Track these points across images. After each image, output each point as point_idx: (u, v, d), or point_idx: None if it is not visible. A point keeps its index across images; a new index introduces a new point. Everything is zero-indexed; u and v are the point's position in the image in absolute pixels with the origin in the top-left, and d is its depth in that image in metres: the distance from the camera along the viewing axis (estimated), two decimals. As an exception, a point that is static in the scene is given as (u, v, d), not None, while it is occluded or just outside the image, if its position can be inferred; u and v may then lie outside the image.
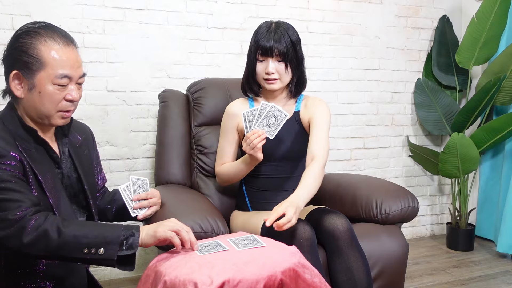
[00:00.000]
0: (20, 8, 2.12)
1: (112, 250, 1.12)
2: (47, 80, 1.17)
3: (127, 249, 1.15)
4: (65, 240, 1.09)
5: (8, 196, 1.08)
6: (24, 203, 1.09)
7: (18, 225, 1.07)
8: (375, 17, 2.91)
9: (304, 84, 1.81)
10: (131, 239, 1.15)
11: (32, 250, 1.08)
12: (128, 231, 1.16)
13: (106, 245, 1.11)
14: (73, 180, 1.33)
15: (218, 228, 1.53)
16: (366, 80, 2.93)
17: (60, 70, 1.17)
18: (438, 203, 3.25)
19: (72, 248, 1.10)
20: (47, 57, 1.16)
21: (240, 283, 1.08)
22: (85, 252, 1.10)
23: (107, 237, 1.12)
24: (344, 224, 1.56)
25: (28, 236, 1.06)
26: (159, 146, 2.09)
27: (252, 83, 1.78)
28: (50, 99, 1.18)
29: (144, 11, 2.35)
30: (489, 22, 2.74)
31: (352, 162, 2.94)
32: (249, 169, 1.73)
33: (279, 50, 1.66)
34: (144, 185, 1.48)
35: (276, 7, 2.64)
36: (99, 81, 2.28)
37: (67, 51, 1.19)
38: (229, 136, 1.82)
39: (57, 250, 1.09)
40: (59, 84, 1.18)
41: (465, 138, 2.62)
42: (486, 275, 2.48)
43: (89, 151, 1.44)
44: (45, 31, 1.19)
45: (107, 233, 1.13)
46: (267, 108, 1.58)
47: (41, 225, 1.08)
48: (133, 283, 2.35)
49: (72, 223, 1.14)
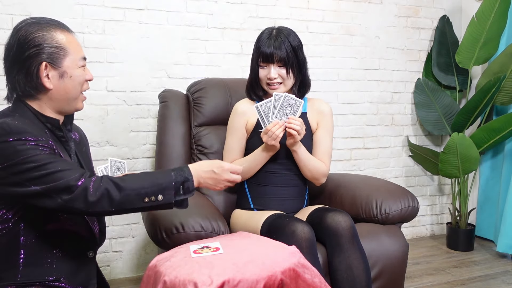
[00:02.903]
0: (20, 8, 2.13)
1: (169, 195, 1.19)
2: (74, 64, 1.23)
3: (185, 194, 1.23)
4: (126, 193, 1.15)
5: (61, 167, 1.13)
6: (78, 170, 1.16)
7: (81, 188, 1.12)
8: (375, 17, 2.91)
9: (307, 86, 1.87)
10: (186, 184, 1.22)
11: (97, 208, 1.13)
12: (181, 176, 1.23)
13: (163, 192, 1.19)
14: None
15: (218, 228, 1.53)
16: (366, 80, 2.93)
17: (80, 54, 1.26)
18: (438, 203, 3.25)
19: (133, 200, 1.17)
20: (66, 43, 1.22)
21: (240, 283, 1.08)
22: (146, 201, 1.17)
23: (162, 184, 1.19)
24: (347, 221, 1.59)
25: (92, 196, 1.12)
26: (159, 146, 2.09)
27: (256, 88, 1.84)
28: (80, 81, 1.26)
29: (144, 11, 2.36)
30: (489, 22, 2.74)
31: (352, 162, 2.94)
32: (265, 160, 1.77)
33: (279, 57, 1.72)
34: (122, 168, 1.48)
35: (276, 7, 2.64)
36: (99, 81, 2.28)
37: (73, 36, 1.27)
38: (238, 133, 1.85)
39: (120, 204, 1.16)
40: (82, 66, 1.26)
41: (465, 138, 2.62)
42: (486, 275, 2.48)
43: (86, 149, 1.47)
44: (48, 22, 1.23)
45: (160, 180, 1.20)
46: (281, 98, 1.62)
47: (100, 185, 1.14)
48: (133, 283, 2.35)
49: (126, 178, 1.20)
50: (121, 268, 2.43)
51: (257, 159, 1.76)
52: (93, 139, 2.29)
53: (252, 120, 1.83)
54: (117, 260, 2.42)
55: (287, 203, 1.81)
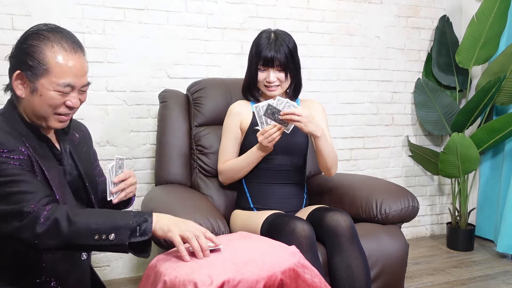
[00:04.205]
0: (20, 8, 2.12)
1: (122, 235, 1.10)
2: (49, 86, 1.16)
3: (141, 235, 1.13)
4: (75, 228, 1.08)
5: (21, 189, 1.08)
6: (37, 195, 1.10)
7: (32, 216, 1.07)
8: (375, 17, 2.91)
9: (301, 87, 1.92)
10: (144, 225, 1.13)
11: (44, 240, 1.08)
12: (141, 217, 1.14)
13: (116, 231, 1.10)
14: (75, 177, 1.34)
15: (218, 228, 1.53)
16: (366, 80, 2.93)
17: (63, 79, 1.17)
18: (438, 203, 3.25)
19: (83, 236, 1.09)
20: (52, 63, 1.15)
21: (240, 283, 1.08)
22: (96, 239, 1.09)
23: (117, 223, 1.11)
24: (347, 221, 1.59)
25: (41, 227, 1.06)
26: (159, 146, 2.09)
27: (253, 89, 1.88)
28: (50, 103, 1.18)
29: (144, 11, 2.35)
30: (489, 22, 2.74)
31: (352, 162, 2.94)
32: (258, 161, 1.78)
33: (279, 61, 1.76)
34: (122, 165, 1.44)
35: (276, 7, 2.64)
36: (99, 81, 2.28)
37: (73, 58, 1.18)
38: (232, 134, 1.87)
39: (69, 238, 1.08)
40: (61, 92, 1.18)
41: (465, 138, 2.62)
42: (486, 275, 2.48)
43: (87, 148, 1.45)
44: (54, 36, 1.18)
45: (117, 219, 1.12)
46: (282, 102, 1.63)
47: (52, 215, 1.08)
48: (133, 283, 2.35)
49: (82, 211, 1.14)
50: (121, 268, 2.42)
51: (249, 158, 1.78)
52: (93, 139, 2.25)
53: (247, 120, 1.87)
54: (117, 260, 2.41)
55: (286, 202, 1.82)
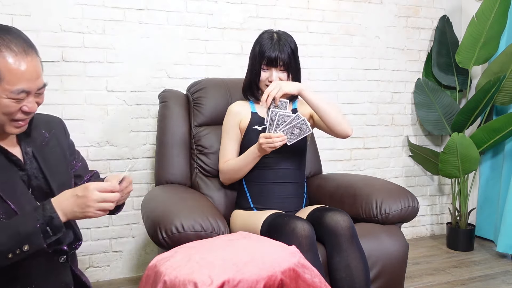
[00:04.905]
0: (20, 8, 2.13)
1: (37, 241, 1.05)
2: (2, 94, 1.08)
3: (55, 234, 1.08)
4: None
5: None
6: None
7: None
8: (375, 17, 2.91)
9: None
10: (52, 222, 1.08)
11: None
12: (45, 216, 1.08)
13: (28, 240, 1.04)
14: (41, 180, 1.25)
15: (218, 228, 1.53)
16: (366, 80, 2.93)
17: (17, 86, 1.08)
18: (438, 203, 3.25)
19: None
20: (3, 70, 1.07)
21: (240, 283, 1.08)
22: (10, 257, 1.04)
23: (24, 231, 1.04)
24: (347, 221, 1.59)
25: None
26: (159, 146, 2.09)
27: (255, 88, 1.89)
28: (5, 111, 1.11)
29: (144, 11, 2.36)
30: (489, 22, 2.74)
31: (352, 162, 2.94)
32: (255, 161, 1.80)
33: (283, 61, 1.79)
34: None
35: (276, 7, 2.64)
36: (99, 81, 2.28)
37: (25, 61, 1.09)
38: (232, 133, 1.89)
39: None
40: (15, 99, 1.10)
41: (465, 138, 2.62)
42: (486, 275, 2.48)
43: (60, 147, 1.35)
44: (2, 39, 1.08)
45: (20, 228, 1.04)
46: (299, 119, 1.69)
47: None
48: (133, 283, 2.35)
49: None
50: (121, 268, 2.42)
51: (247, 158, 1.79)
52: (93, 139, 2.29)
53: (245, 120, 1.88)
54: (117, 260, 2.41)
55: (286, 202, 1.82)
